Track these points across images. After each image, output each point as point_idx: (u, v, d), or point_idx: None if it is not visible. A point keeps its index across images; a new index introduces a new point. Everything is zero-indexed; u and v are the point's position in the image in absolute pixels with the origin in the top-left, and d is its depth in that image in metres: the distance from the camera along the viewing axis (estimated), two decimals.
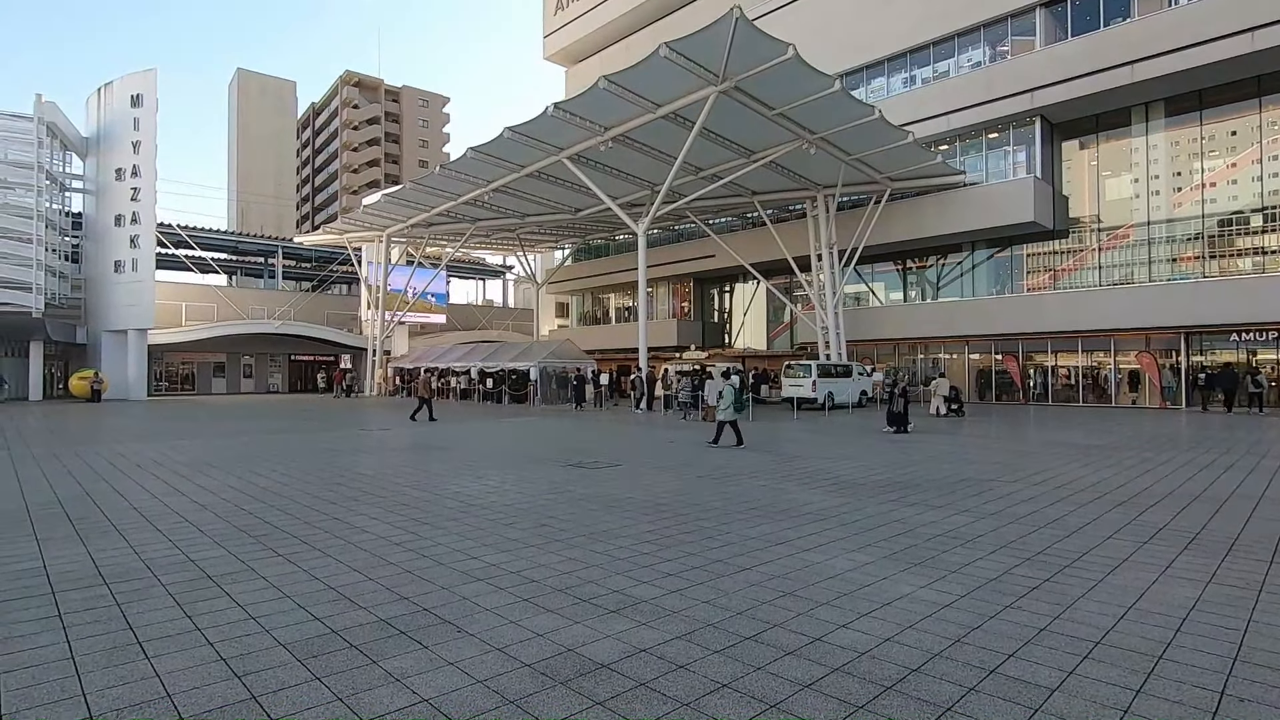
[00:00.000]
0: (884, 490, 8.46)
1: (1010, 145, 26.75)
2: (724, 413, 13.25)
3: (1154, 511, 7.19)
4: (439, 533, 6.28)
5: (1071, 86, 24.24)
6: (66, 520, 6.87)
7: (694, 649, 3.66)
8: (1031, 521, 6.71)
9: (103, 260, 33.66)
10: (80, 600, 4.43)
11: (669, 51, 17.92)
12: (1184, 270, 24.45)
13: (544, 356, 30.07)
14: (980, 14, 26.75)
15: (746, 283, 38.09)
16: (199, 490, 8.56)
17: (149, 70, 33.06)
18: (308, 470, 10.27)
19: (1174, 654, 3.61)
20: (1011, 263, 28.39)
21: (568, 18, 45.30)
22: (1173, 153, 24.85)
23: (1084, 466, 10.40)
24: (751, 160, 24.20)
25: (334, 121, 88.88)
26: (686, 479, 9.39)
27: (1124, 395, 25.70)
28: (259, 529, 6.44)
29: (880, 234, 27.65)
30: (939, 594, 4.55)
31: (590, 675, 3.34)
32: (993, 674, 3.38)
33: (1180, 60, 21.96)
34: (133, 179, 32.72)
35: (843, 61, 29.26)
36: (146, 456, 11.82)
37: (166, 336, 35.96)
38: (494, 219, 33.68)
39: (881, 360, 31.22)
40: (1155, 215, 25.02)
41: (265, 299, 43.08)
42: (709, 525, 6.56)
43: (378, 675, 3.33)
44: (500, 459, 11.65)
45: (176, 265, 40.69)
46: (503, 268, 56.05)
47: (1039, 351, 27.72)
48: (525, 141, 23.12)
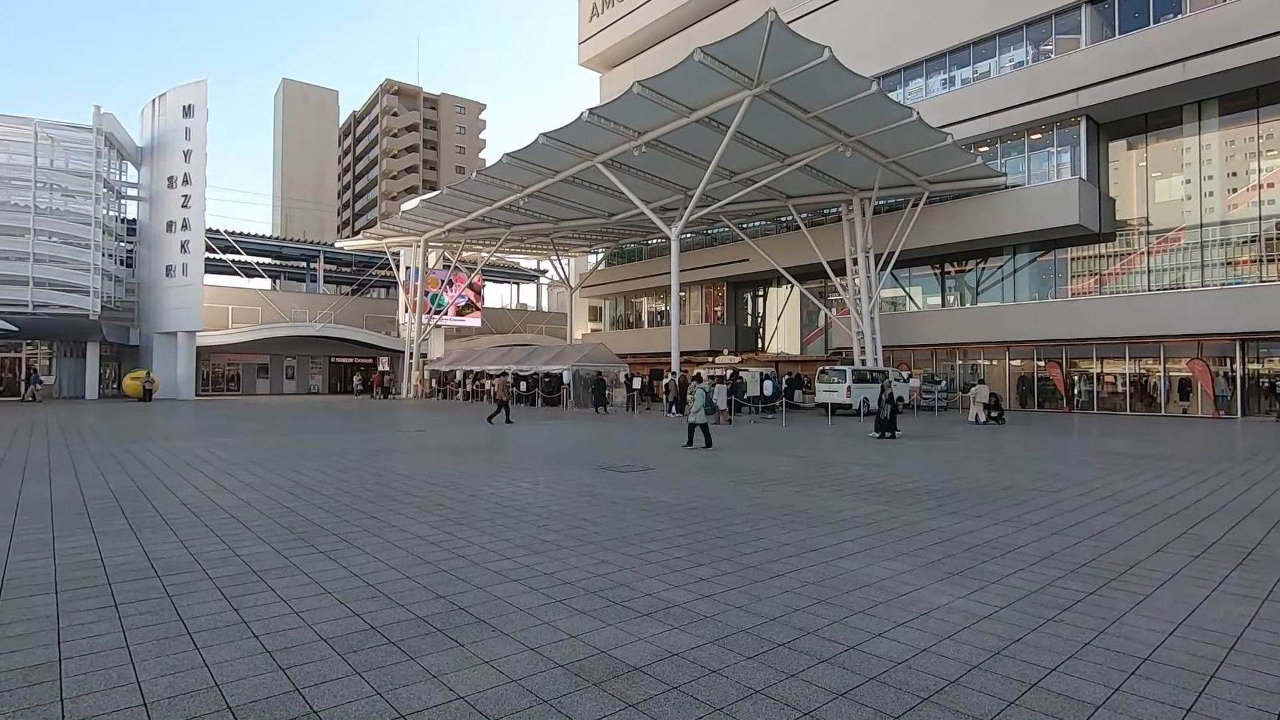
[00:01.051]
0: (921, 498, 8.31)
1: (1054, 146, 26.08)
2: (694, 415, 13.74)
3: (1206, 525, 6.92)
4: (473, 533, 6.37)
5: (1119, 85, 23.54)
6: (121, 514, 7.15)
7: (726, 654, 3.65)
8: (1076, 533, 6.52)
9: (155, 265, 34.99)
10: (134, 591, 4.60)
11: (703, 56, 17.93)
12: (1239, 274, 23.51)
13: (577, 360, 30.25)
14: (1023, 12, 26.17)
15: (780, 287, 37.80)
16: (243, 487, 8.83)
17: (199, 82, 34.29)
18: (346, 469, 10.51)
19: (1227, 673, 3.48)
20: (1055, 266, 27.66)
21: (603, 24, 45.64)
22: (1227, 152, 23.95)
23: (1131, 477, 10.06)
24: (786, 164, 24.03)
25: (374, 129, 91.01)
26: (719, 483, 9.35)
27: (1174, 404, 24.79)
28: (301, 526, 6.62)
29: (918, 237, 27.20)
30: (978, 605, 4.45)
31: (623, 678, 3.35)
32: (1034, 688, 3.30)
33: (1234, 57, 21.16)
34: (184, 186, 33.95)
35: (880, 63, 28.89)
36: (195, 454, 12.23)
37: (214, 338, 37.17)
38: (528, 223, 34.06)
39: (918, 366, 30.67)
40: (1208, 217, 24.12)
41: (307, 302, 44.23)
42: (742, 530, 6.52)
43: (415, 671, 3.40)
44: (533, 461, 11.76)
45: (223, 269, 42.03)
46: (536, 272, 56.60)
47: (1083, 358, 26.92)
48: (560, 147, 23.34)
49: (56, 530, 6.39)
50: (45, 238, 32.24)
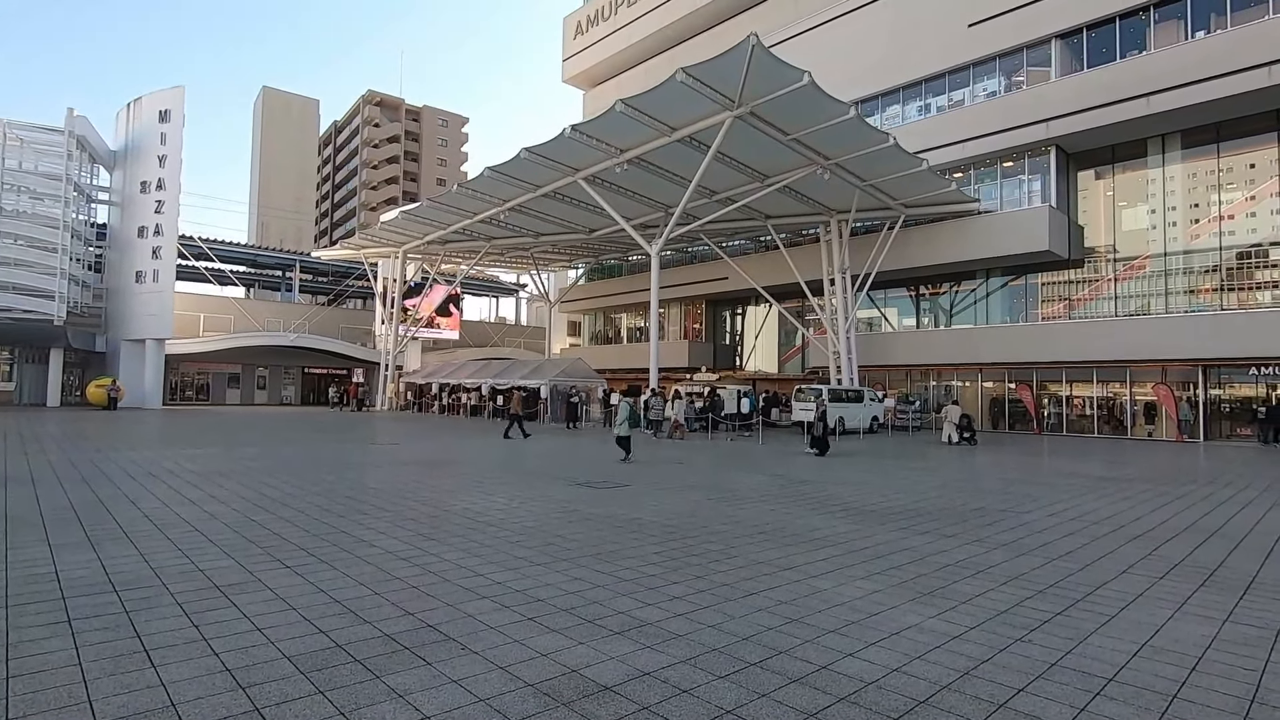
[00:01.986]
0: (895, 518, 8.37)
1: (1026, 174, 26.75)
2: (619, 428, 14.42)
3: (1170, 546, 7.06)
4: (445, 549, 6.28)
5: (1087, 117, 24.27)
6: (79, 526, 6.93)
7: (698, 674, 3.63)
8: (1044, 554, 6.61)
9: (125, 270, 34.28)
10: (90, 607, 4.46)
11: (685, 77, 18.16)
12: (1201, 302, 24.23)
13: (555, 375, 30.15)
14: (996, 44, 26.93)
15: (759, 305, 38.10)
16: (209, 499, 8.62)
17: (177, 87, 33.91)
18: (317, 482, 10.32)
19: (1189, 694, 3.53)
20: (1026, 291, 28.26)
21: (587, 42, 46.05)
22: (1190, 184, 24.76)
23: (1099, 499, 10.25)
24: (765, 184, 24.34)
25: (355, 139, 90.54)
26: (695, 501, 9.34)
27: (1140, 427, 25.35)
28: (267, 540, 6.47)
29: (894, 259, 27.64)
30: (949, 625, 4.49)
31: (593, 697, 3.31)
32: (1002, 708, 3.32)
33: (1197, 93, 21.95)
34: (157, 192, 33.41)
35: (858, 89, 29.49)
36: (159, 465, 11.92)
37: (184, 346, 36.42)
38: (509, 237, 34.01)
39: (893, 386, 31.04)
40: (1172, 246, 24.86)
41: (281, 311, 43.62)
42: (716, 548, 6.51)
43: (381, 690, 3.32)
44: (508, 476, 11.65)
45: (196, 277, 41.34)
46: (516, 286, 56.46)
47: (1053, 381, 27.46)
48: (542, 162, 23.41)
49: (10, 542, 6.17)
50: (10, 240, 31.46)
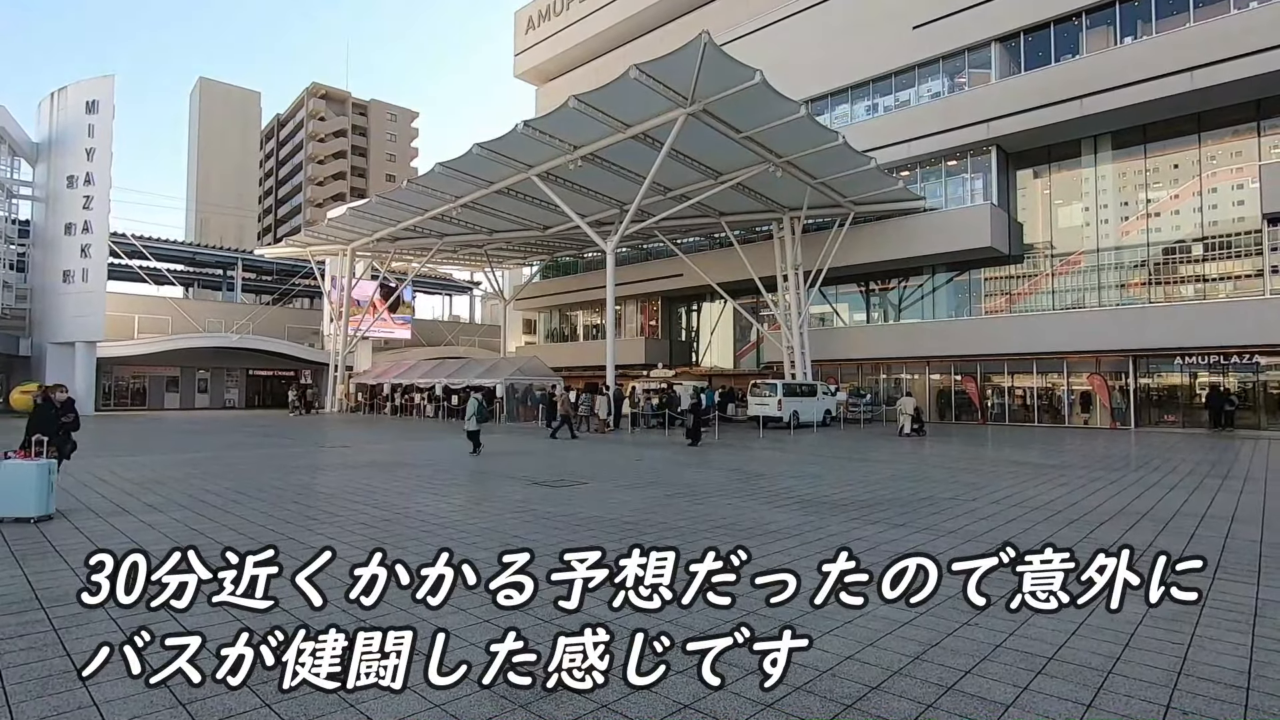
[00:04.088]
0: (847, 508, 8.56)
1: (969, 173, 27.66)
2: (468, 423, 15.57)
3: (1104, 529, 7.41)
4: (396, 553, 6.14)
5: (1025, 118, 25.23)
6: (2, 541, 6.54)
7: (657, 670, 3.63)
8: (989, 539, 6.85)
9: (51, 270, 32.46)
10: (15, 625, 4.21)
11: (639, 74, 18.17)
12: (1131, 296, 25.47)
13: (511, 373, 29.85)
14: (940, 46, 27.74)
15: (714, 302, 38.44)
16: (146, 509, 8.25)
17: (106, 77, 32.26)
18: (263, 488, 9.98)
19: (1122, 669, 3.71)
20: (970, 286, 29.24)
21: (538, 37, 45.63)
22: (1120, 183, 25.99)
23: (1039, 485, 10.68)
24: (719, 181, 24.56)
25: (299, 133, 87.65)
26: (653, 498, 9.37)
27: (1077, 416, 26.53)
28: (208, 549, 6.22)
29: (844, 256, 28.24)
30: (900, 611, 4.60)
31: (550, 698, 3.29)
32: (950, 691, 3.43)
33: (1124, 96, 23.05)
34: (86, 187, 31.73)
35: (808, 88, 29.98)
36: (92, 474, 11.35)
37: (117, 349, 34.72)
38: (461, 234, 33.48)
39: (846, 380, 31.73)
40: (1104, 243, 26.06)
41: (223, 312, 41.98)
42: (673, 543, 6.53)
43: (330, 701, 3.23)
44: (464, 476, 11.49)
45: (130, 276, 39.42)
46: (469, 283, 55.64)
47: (996, 373, 28.50)
48: (494, 158, 23.11)
49: None
50: None
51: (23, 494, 7.25)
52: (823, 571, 3.48)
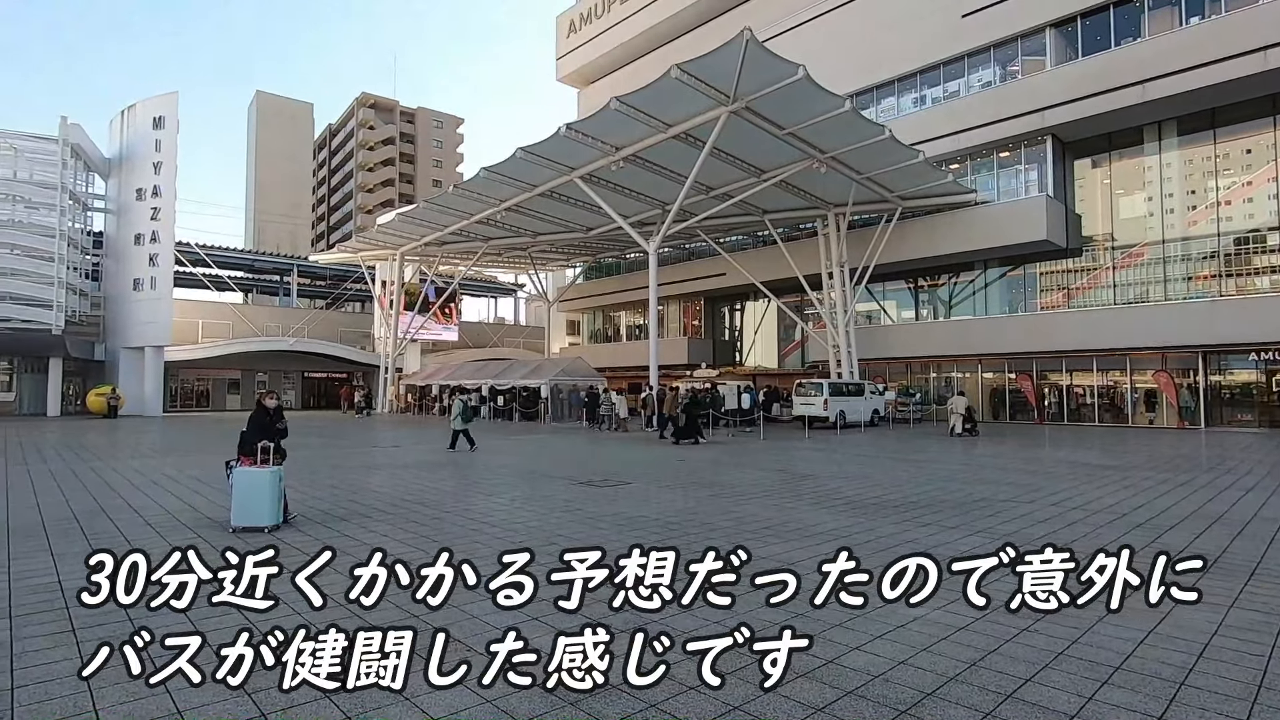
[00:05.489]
0: (897, 510, 8.37)
1: (1022, 164, 26.73)
2: (454, 422, 16.17)
3: (1173, 534, 7.06)
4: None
5: (1082, 106, 24.24)
6: (81, 535, 6.92)
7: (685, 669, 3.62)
8: (1046, 543, 6.60)
9: (122, 278, 34.23)
10: (91, 616, 4.44)
11: (680, 73, 18.12)
12: (1200, 289, 24.23)
13: (555, 374, 30.14)
14: (990, 34, 26.88)
15: (757, 301, 38.09)
16: (210, 505, 8.61)
17: (170, 93, 33.83)
18: (318, 486, 10.31)
19: (1196, 680, 3.53)
20: (1025, 281, 28.26)
21: (579, 40, 45.96)
22: (1186, 171, 24.74)
23: (1101, 487, 10.25)
24: (762, 179, 24.32)
25: (350, 142, 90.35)
26: (697, 498, 9.34)
27: (1141, 415, 25.36)
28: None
29: (892, 252, 27.63)
30: (954, 616, 4.48)
31: (599, 695, 3.31)
32: (1009, 699, 3.32)
33: (1192, 79, 21.92)
34: (153, 199, 33.33)
35: (853, 82, 29.44)
36: (161, 472, 11.91)
37: (182, 353, 36.37)
38: (506, 237, 33.97)
39: (893, 379, 31.05)
40: (1170, 234, 24.85)
41: (280, 316, 43.54)
42: (718, 544, 6.48)
43: (385, 696, 3.31)
44: (511, 476, 11.65)
45: (194, 283, 41.24)
46: (514, 286, 56.41)
47: (1053, 371, 27.47)
48: (537, 161, 23.37)
49: (12, 552, 6.17)
50: (7, 250, 31.41)
51: (259, 503, 6.99)
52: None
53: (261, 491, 6.95)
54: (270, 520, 7.02)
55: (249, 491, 6.95)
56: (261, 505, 6.98)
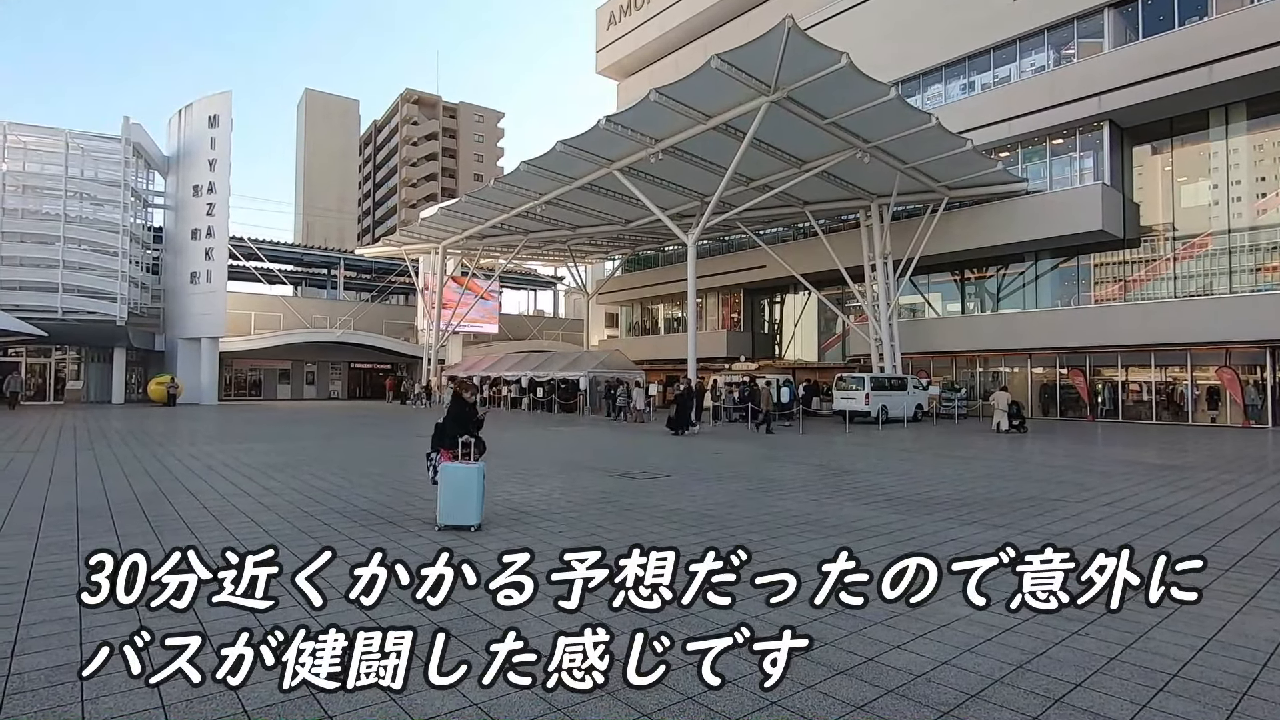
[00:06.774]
0: (941, 507, 8.19)
1: (1076, 151, 25.73)
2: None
3: (1236, 538, 6.75)
4: (488, 539, 6.38)
5: (1143, 89, 23.19)
6: (143, 517, 7.25)
7: (741, 665, 3.61)
8: (1099, 544, 6.38)
9: (180, 272, 35.63)
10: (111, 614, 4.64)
11: (720, 63, 17.94)
12: (1269, 280, 23.00)
13: (593, 366, 30.31)
14: (1044, 16, 25.90)
15: (798, 293, 37.60)
16: (264, 492, 8.92)
17: (224, 93, 34.97)
18: (366, 474, 10.59)
19: (1260, 690, 3.37)
20: (1078, 273, 27.25)
21: (620, 32, 45.89)
22: (1256, 157, 23.48)
23: (1158, 487, 9.85)
24: (803, 170, 23.95)
25: (394, 138, 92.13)
26: (735, 491, 9.29)
27: (1202, 413, 24.26)
28: (318, 531, 6.67)
29: (937, 244, 26.93)
30: (999, 617, 4.36)
31: (637, 690, 3.32)
32: (1058, 703, 3.22)
33: (1263, 60, 20.76)
34: (209, 195, 34.56)
35: (898, 69, 28.71)
36: (217, 459, 12.39)
37: (236, 344, 37.72)
38: (545, 230, 34.24)
39: (938, 374, 30.33)
40: (1236, 223, 23.64)
41: (327, 309, 44.76)
42: (757, 539, 6.46)
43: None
44: (549, 467, 11.77)
45: (246, 276, 42.67)
46: (553, 279, 56.83)
47: (1108, 366, 26.46)
48: (576, 154, 23.45)
49: (81, 532, 6.50)
50: (74, 245, 32.96)
51: (466, 501, 6.68)
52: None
53: (470, 489, 6.69)
54: (475, 519, 6.75)
55: (459, 488, 6.69)
56: (470, 503, 6.71)
